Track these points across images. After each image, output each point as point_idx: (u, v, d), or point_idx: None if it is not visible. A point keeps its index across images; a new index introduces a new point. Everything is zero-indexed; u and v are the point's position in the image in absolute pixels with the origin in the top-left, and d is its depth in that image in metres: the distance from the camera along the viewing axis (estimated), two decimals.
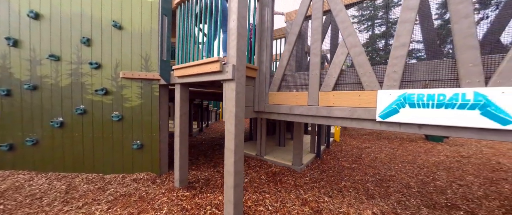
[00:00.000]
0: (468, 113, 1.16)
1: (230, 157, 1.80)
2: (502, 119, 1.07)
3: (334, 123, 1.73)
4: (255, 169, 3.48)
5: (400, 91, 1.37)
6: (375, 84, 1.49)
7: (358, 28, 10.90)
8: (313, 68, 1.80)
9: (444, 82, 1.27)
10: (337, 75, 1.67)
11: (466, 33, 1.16)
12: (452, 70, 1.25)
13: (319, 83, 1.78)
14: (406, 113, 1.35)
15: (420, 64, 1.35)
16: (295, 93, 1.95)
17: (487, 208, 2.32)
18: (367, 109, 1.52)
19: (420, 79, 1.35)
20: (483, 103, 1.12)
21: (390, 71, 1.42)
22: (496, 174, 3.39)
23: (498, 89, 1.08)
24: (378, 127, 1.51)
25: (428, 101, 1.27)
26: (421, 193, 2.69)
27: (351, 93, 1.60)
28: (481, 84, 1.13)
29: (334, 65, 1.68)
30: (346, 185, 2.90)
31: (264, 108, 2.22)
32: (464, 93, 1.17)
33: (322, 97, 1.76)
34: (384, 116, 1.44)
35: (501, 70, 1.08)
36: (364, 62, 1.52)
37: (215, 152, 4.49)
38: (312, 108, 1.82)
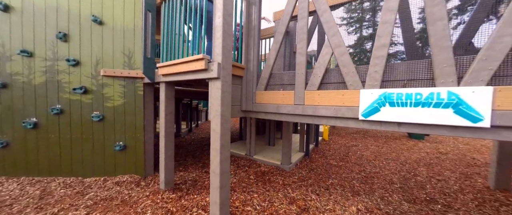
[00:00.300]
0: (442, 112, 1.21)
1: (215, 157, 1.76)
2: (472, 117, 1.13)
3: (320, 122, 1.74)
4: (244, 169, 3.45)
5: (381, 90, 1.41)
6: (358, 84, 1.52)
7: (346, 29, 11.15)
8: (299, 68, 1.81)
9: (421, 82, 1.33)
10: (322, 75, 1.69)
11: (441, 35, 1.21)
12: (428, 70, 1.30)
13: (305, 83, 1.79)
14: (387, 111, 1.39)
15: (400, 64, 1.39)
16: (282, 92, 1.95)
17: (462, 201, 2.47)
18: (351, 108, 1.55)
19: (399, 78, 1.40)
20: (456, 102, 1.17)
21: (371, 70, 1.45)
22: (471, 169, 3.62)
23: (469, 88, 1.14)
24: (361, 125, 1.54)
25: (406, 100, 1.32)
26: (403, 189, 2.80)
27: (335, 92, 1.63)
28: (454, 83, 1.19)
29: (319, 64, 1.70)
30: (333, 183, 2.96)
31: (251, 107, 2.20)
32: (438, 93, 1.22)
33: (308, 96, 1.78)
34: (366, 115, 1.48)
35: (471, 70, 1.14)
36: (348, 62, 1.55)
37: (204, 152, 4.41)
38: (298, 107, 1.83)
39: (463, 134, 1.20)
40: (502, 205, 2.35)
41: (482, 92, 1.11)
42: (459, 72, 1.20)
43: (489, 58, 1.10)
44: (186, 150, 4.52)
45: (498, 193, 2.62)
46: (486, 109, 1.10)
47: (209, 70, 1.73)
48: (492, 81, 1.12)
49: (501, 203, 2.39)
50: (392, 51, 6.72)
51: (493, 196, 2.54)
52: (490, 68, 1.10)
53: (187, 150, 4.53)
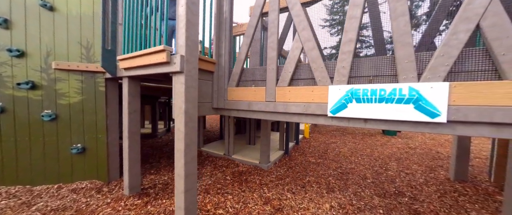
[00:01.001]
0: (404, 107, 1.22)
1: (180, 159, 1.62)
2: (431, 113, 1.15)
3: (291, 119, 1.69)
4: (221, 169, 3.32)
5: (348, 86, 1.39)
6: (326, 79, 1.48)
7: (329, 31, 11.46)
8: (270, 63, 1.74)
9: (386, 77, 1.32)
10: (293, 70, 1.64)
11: (403, 30, 1.21)
12: (392, 66, 1.30)
13: (276, 78, 1.72)
14: (353, 108, 1.37)
15: (365, 60, 1.38)
16: (253, 88, 1.86)
17: (426, 193, 2.62)
18: (320, 104, 1.51)
19: (365, 74, 1.38)
20: (416, 98, 1.18)
21: (339, 66, 1.43)
22: (435, 162, 3.91)
23: (427, 84, 1.15)
24: (330, 122, 1.51)
25: (372, 96, 1.31)
26: (374, 183, 2.91)
27: (305, 89, 1.58)
28: (415, 79, 1.20)
29: (290, 59, 1.64)
30: (310, 181, 2.97)
31: (223, 104, 2.08)
32: (400, 88, 1.22)
33: (279, 93, 1.71)
34: (334, 111, 1.45)
35: (430, 66, 1.16)
36: (317, 57, 1.51)
37: None
38: (270, 104, 1.76)
39: (422, 129, 1.21)
40: (460, 195, 2.53)
41: (439, 87, 1.13)
42: (419, 68, 1.21)
43: (445, 54, 1.11)
44: (161, 151, 4.25)
45: (457, 184, 2.84)
46: (443, 104, 1.12)
47: (171, 63, 1.58)
48: (448, 77, 1.15)
49: (459, 193, 2.58)
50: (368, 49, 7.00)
51: (453, 187, 2.74)
52: (446, 64, 1.11)
53: (162, 151, 4.26)
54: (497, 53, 1.01)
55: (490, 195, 2.52)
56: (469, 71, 1.10)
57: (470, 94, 1.07)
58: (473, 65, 1.09)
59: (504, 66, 1.00)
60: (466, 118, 1.08)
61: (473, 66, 1.09)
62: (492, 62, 1.05)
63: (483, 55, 1.07)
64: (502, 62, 1.00)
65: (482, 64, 1.07)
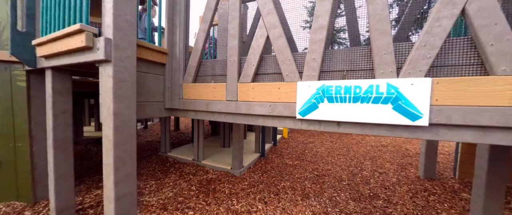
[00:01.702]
0: (381, 108, 1.02)
1: (109, 177, 1.23)
2: (411, 114, 0.96)
3: (255, 122, 1.41)
4: (187, 177, 2.93)
5: (319, 82, 1.15)
6: (295, 74, 1.24)
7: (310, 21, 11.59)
8: (231, 53, 1.43)
9: (362, 72, 1.12)
10: (257, 63, 1.36)
11: (380, 15, 1.01)
12: (368, 59, 1.10)
13: (238, 73, 1.43)
14: (325, 108, 1.15)
15: (339, 51, 1.16)
16: (212, 85, 1.54)
17: (399, 194, 2.59)
18: (287, 104, 1.26)
19: (339, 68, 1.17)
20: (395, 96, 0.99)
21: (309, 58, 1.18)
22: (406, 160, 4.03)
23: (408, 80, 0.97)
24: (299, 125, 1.27)
25: (345, 94, 1.09)
26: (350, 186, 2.82)
27: (271, 86, 1.31)
28: (393, 74, 1.00)
29: (253, 50, 1.36)
30: (285, 186, 2.76)
31: (178, 104, 1.72)
32: (378, 85, 1.02)
33: (241, 90, 1.42)
34: (303, 113, 1.20)
35: (410, 59, 0.97)
36: (284, 47, 1.25)
37: (142, 160, 3.67)
38: (231, 104, 1.46)
39: (401, 133, 1.02)
40: (430, 194, 2.55)
41: (420, 84, 0.94)
42: (399, 61, 1.02)
43: (427, 44, 0.93)
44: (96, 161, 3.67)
45: (426, 182, 2.88)
46: (424, 104, 0.94)
47: (94, 48, 1.18)
48: (430, 72, 0.97)
49: (429, 192, 2.59)
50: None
51: (423, 186, 2.77)
52: (428, 57, 0.93)
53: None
54: (485, 42, 0.85)
55: (456, 193, 2.58)
56: (453, 65, 0.94)
57: (454, 92, 0.90)
58: (458, 58, 0.93)
59: (492, 58, 0.84)
60: (449, 120, 0.91)
61: (458, 59, 0.93)
62: (478, 54, 0.89)
63: (469, 46, 0.91)
64: (489, 53, 0.85)
65: (468, 56, 0.91)
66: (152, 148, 4.50)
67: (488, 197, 1.75)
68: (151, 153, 4.17)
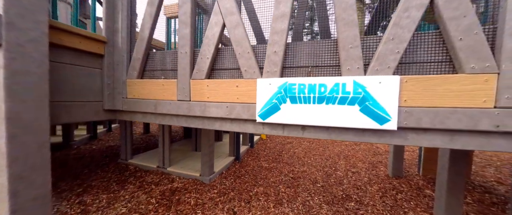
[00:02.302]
0: (348, 110, 0.89)
1: (2, 204, 0.90)
2: (379, 117, 0.85)
3: (212, 126, 1.19)
4: (148, 188, 2.58)
5: (280, 80, 0.99)
6: (254, 70, 1.05)
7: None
8: (183, 44, 1.19)
9: (328, 69, 0.98)
10: (212, 56, 1.14)
11: (346, 3, 0.88)
12: (335, 53, 0.96)
13: (190, 67, 1.19)
14: (288, 110, 0.98)
15: (304, 44, 1.01)
16: (161, 81, 1.28)
17: (370, 194, 2.62)
18: (247, 105, 1.07)
19: (303, 64, 1.01)
20: (362, 97, 0.86)
21: (270, 51, 1.01)
22: (376, 158, 4.19)
23: (375, 78, 0.85)
24: (261, 130, 1.09)
25: (310, 93, 0.94)
26: (324, 188, 2.77)
27: (228, 83, 1.11)
28: (361, 71, 0.88)
29: (207, 40, 1.14)
30: (258, 192, 2.59)
31: (121, 104, 1.41)
32: (344, 84, 0.89)
33: (194, 88, 1.19)
34: (264, 115, 1.03)
35: (378, 54, 0.86)
36: (242, 37, 1.06)
37: (98, 169, 3.16)
38: (183, 104, 1.21)
39: (369, 138, 0.91)
40: (398, 192, 2.61)
41: (388, 82, 0.83)
42: (366, 56, 0.90)
43: (396, 38, 0.83)
44: (69, 169, 3.11)
45: (394, 180, 2.98)
46: (393, 105, 0.83)
47: None
48: (399, 69, 0.87)
49: (397, 190, 2.66)
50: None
51: (391, 184, 2.85)
52: (397, 51, 0.83)
53: (71, 168, 3.13)
54: (453, 37, 0.76)
55: (421, 190, 2.69)
56: (422, 61, 0.84)
57: (423, 92, 0.81)
58: (427, 54, 0.84)
59: (461, 55, 0.76)
60: (418, 123, 0.81)
61: (428, 55, 0.84)
62: (447, 49, 0.81)
63: (439, 41, 0.82)
64: (458, 49, 0.76)
65: (437, 52, 0.82)
66: (113, 154, 3.95)
67: (450, 194, 1.80)
68: (110, 160, 3.64)
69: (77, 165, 3.34)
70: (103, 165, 3.32)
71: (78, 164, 3.40)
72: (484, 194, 2.52)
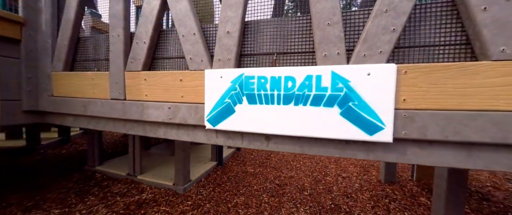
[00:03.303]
0: (324, 114, 0.63)
1: None
2: (368, 124, 0.59)
3: (156, 133, 0.91)
4: (112, 200, 2.25)
5: (235, 71, 0.71)
6: (203, 58, 0.78)
7: None
8: (114, 24, 0.90)
9: (300, 56, 0.72)
10: (150, 40, 0.86)
11: None
12: (309, 34, 0.70)
13: (124, 56, 0.90)
14: (245, 113, 0.71)
15: (268, 22, 0.75)
16: (90, 74, 0.99)
17: (361, 202, 2.39)
18: (194, 106, 0.79)
19: (267, 50, 0.75)
20: (344, 95, 0.61)
21: (222, 32, 0.74)
22: (368, 161, 4.01)
23: (362, 68, 0.59)
24: (214, 140, 0.82)
25: (273, 90, 0.67)
26: (312, 196, 2.53)
27: (170, 76, 0.83)
28: (342, 58, 0.62)
29: (144, 18, 0.85)
30: (239, 203, 2.32)
31: (47, 104, 1.11)
32: (319, 76, 0.62)
33: (130, 83, 0.90)
34: (214, 120, 0.75)
35: (366, 33, 0.60)
36: (186, 14, 0.78)
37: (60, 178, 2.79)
38: (117, 104, 0.92)
39: (355, 153, 0.65)
40: (391, 201, 2.40)
41: (380, 74, 0.58)
42: (350, 37, 0.64)
43: (391, 9, 0.57)
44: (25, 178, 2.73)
45: (387, 186, 2.78)
46: (386, 107, 0.57)
47: None
48: (395, 55, 0.62)
49: (390, 199, 2.45)
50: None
51: (384, 191, 2.64)
52: (392, 29, 0.57)
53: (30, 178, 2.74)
54: (474, 6, 0.52)
55: (415, 197, 2.49)
56: (428, 45, 0.59)
57: (430, 88, 0.56)
58: (435, 33, 0.59)
59: (485, 32, 0.51)
60: (423, 133, 0.56)
61: (435, 36, 0.59)
62: (463, 26, 0.56)
63: (451, 13, 0.57)
64: (481, 24, 0.51)
65: (450, 31, 0.58)
66: (83, 161, 3.57)
67: (449, 207, 1.58)
68: (77, 167, 3.26)
69: (37, 173, 2.95)
70: (67, 173, 2.95)
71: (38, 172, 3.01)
72: (481, 201, 2.35)
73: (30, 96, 1.10)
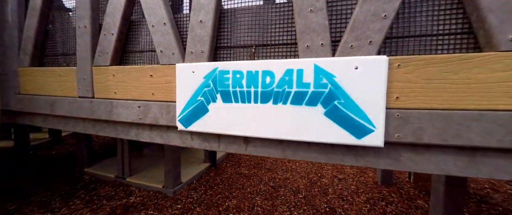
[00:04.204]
0: (307, 113, 0.55)
1: None
2: (356, 126, 0.51)
3: (127, 134, 0.83)
4: (99, 203, 2.15)
5: (208, 65, 0.63)
6: (174, 50, 0.69)
7: None
8: (81, 14, 0.82)
9: (280, 49, 0.64)
10: (118, 31, 0.77)
11: None
12: (290, 23, 0.62)
13: (92, 49, 0.82)
14: (220, 113, 0.63)
15: (244, 10, 0.67)
16: (58, 70, 0.90)
17: (357, 205, 2.32)
18: (165, 104, 0.71)
19: (245, 43, 0.67)
20: (328, 92, 0.53)
21: (194, 21, 0.65)
22: None
23: (350, 61, 0.51)
24: (189, 142, 0.74)
25: (250, 86, 0.59)
26: (306, 199, 2.45)
27: (139, 71, 0.75)
28: (326, 50, 0.54)
29: (112, 7, 0.77)
30: (230, 206, 2.24)
31: (14, 102, 1.02)
32: (300, 70, 0.54)
33: (98, 79, 0.82)
34: (185, 120, 0.67)
35: (354, 21, 0.52)
36: (156, 2, 0.70)
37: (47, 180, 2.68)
38: (85, 103, 0.84)
39: (341, 159, 0.57)
40: (387, 204, 2.33)
41: (370, 68, 0.50)
42: (336, 25, 0.57)
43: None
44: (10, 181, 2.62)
45: (384, 189, 2.71)
46: (377, 106, 0.49)
47: None
48: (387, 46, 0.54)
49: (386, 202, 2.38)
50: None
51: (380, 194, 2.57)
52: (384, 16, 0.49)
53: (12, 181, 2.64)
54: None
55: (412, 200, 2.42)
56: (425, 34, 0.52)
57: (427, 84, 0.48)
58: (433, 21, 0.51)
59: (491, 18, 0.44)
60: (419, 136, 0.48)
61: (434, 23, 0.51)
62: (465, 12, 0.48)
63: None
64: (486, 8, 0.44)
65: (450, 17, 0.50)
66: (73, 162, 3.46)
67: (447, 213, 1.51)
68: (66, 169, 3.16)
69: (24, 175, 2.85)
70: (54, 175, 2.85)
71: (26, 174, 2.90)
72: (480, 204, 2.28)
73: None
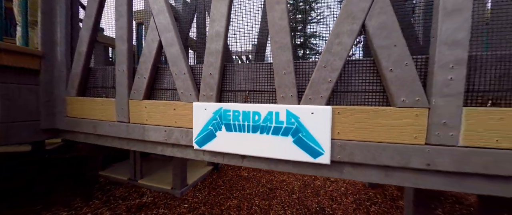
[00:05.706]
0: (282, 141, 0.82)
1: None
2: (313, 150, 0.78)
3: (154, 149, 1.11)
4: (115, 203, 2.44)
5: (216, 105, 0.91)
6: (191, 93, 0.97)
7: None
8: (120, 61, 1.10)
9: (265, 95, 0.91)
10: (149, 75, 1.05)
11: (279, 25, 0.81)
12: (272, 78, 0.90)
13: (128, 87, 1.10)
14: (224, 138, 0.91)
15: (241, 67, 0.94)
16: (100, 100, 1.18)
17: (344, 205, 2.58)
18: (185, 130, 0.99)
19: (241, 88, 0.94)
20: (295, 127, 0.80)
21: (206, 73, 0.93)
22: None
23: (308, 108, 0.79)
24: (202, 156, 1.01)
25: (244, 121, 0.87)
26: (299, 200, 2.72)
27: (165, 105, 1.03)
28: (294, 100, 0.82)
29: (145, 58, 1.05)
30: (231, 205, 2.51)
31: (63, 123, 1.30)
32: (277, 113, 0.82)
33: (133, 109, 1.10)
34: (200, 142, 0.95)
35: (312, 81, 0.80)
36: (178, 56, 0.98)
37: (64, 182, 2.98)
38: (122, 126, 1.12)
39: (307, 170, 0.85)
40: (372, 204, 2.59)
41: (321, 113, 0.77)
42: (300, 83, 0.84)
43: (328, 65, 0.77)
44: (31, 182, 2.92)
45: (371, 190, 2.96)
46: (325, 138, 0.77)
47: None
48: (332, 99, 0.81)
49: (371, 202, 2.64)
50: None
51: (367, 195, 2.83)
52: (329, 80, 0.77)
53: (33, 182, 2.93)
54: (385, 67, 0.71)
55: (394, 200, 2.68)
56: (357, 91, 0.79)
57: (356, 125, 0.75)
58: (361, 83, 0.78)
59: (392, 87, 0.71)
60: (351, 158, 0.75)
61: (361, 85, 0.78)
62: (379, 79, 0.76)
63: (372, 70, 0.77)
64: (390, 80, 0.71)
65: (371, 82, 0.77)
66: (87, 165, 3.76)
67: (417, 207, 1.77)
68: (81, 172, 3.45)
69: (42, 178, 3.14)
70: (71, 178, 3.14)
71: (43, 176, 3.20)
72: (454, 205, 2.54)
73: (47, 117, 1.29)
